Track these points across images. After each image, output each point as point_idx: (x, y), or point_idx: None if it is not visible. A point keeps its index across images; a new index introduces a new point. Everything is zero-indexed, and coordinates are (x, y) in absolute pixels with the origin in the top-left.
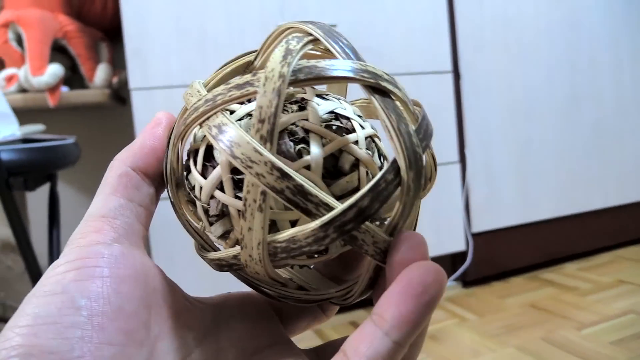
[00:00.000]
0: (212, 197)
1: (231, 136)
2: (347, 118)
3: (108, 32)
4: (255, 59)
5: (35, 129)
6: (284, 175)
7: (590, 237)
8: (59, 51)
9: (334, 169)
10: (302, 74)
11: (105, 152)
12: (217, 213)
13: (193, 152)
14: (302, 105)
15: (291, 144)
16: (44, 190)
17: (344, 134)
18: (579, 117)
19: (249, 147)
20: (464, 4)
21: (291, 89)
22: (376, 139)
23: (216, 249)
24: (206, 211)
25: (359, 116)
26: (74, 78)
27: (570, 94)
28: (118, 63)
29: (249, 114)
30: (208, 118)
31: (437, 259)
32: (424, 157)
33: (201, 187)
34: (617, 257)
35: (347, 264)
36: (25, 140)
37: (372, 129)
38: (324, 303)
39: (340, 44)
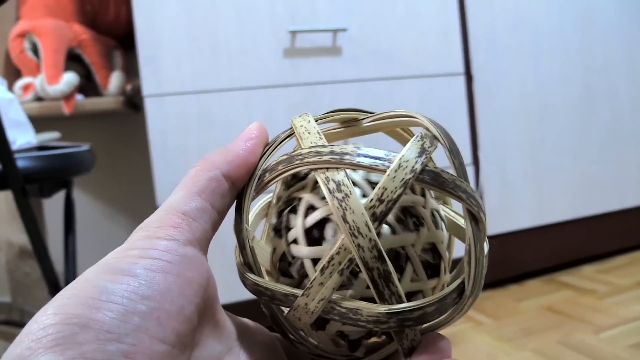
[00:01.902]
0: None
1: (349, 200)
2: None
3: (122, 40)
4: (362, 118)
5: (50, 136)
6: (380, 258)
7: (607, 238)
8: (73, 60)
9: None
10: (428, 178)
11: (120, 158)
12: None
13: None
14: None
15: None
16: (59, 197)
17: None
18: (594, 118)
19: (361, 219)
20: (475, 5)
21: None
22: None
23: (261, 274)
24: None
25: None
26: (88, 86)
27: (585, 94)
28: (132, 71)
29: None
30: (328, 169)
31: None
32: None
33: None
34: (635, 259)
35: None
36: (41, 148)
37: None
38: None
39: (459, 161)
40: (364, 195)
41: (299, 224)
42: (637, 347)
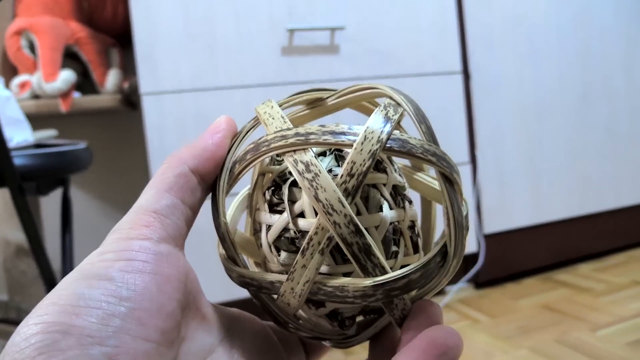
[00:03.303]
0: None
1: (319, 179)
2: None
3: (119, 37)
4: (326, 97)
5: (47, 134)
6: (358, 232)
7: (604, 237)
8: (70, 57)
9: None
10: (396, 145)
11: (117, 156)
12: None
13: (262, 176)
14: (380, 167)
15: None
16: (56, 194)
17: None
18: (591, 117)
19: (334, 196)
20: (473, 4)
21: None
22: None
23: (245, 266)
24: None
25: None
26: (85, 84)
27: (582, 93)
28: (129, 68)
29: (322, 154)
30: (295, 151)
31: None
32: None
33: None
34: (631, 258)
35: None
36: (38, 146)
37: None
38: (324, 341)
39: (426, 125)
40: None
41: (305, 196)
42: (634, 345)
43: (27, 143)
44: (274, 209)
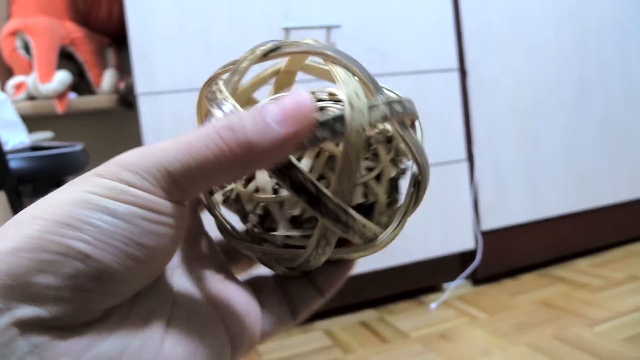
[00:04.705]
0: None
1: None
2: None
3: (115, 37)
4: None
5: (43, 136)
6: None
7: (601, 232)
8: (66, 58)
9: None
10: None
11: (113, 156)
12: None
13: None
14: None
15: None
16: None
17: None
18: (587, 112)
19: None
20: (469, 0)
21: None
22: None
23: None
24: None
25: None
26: (81, 84)
27: (579, 89)
28: (125, 68)
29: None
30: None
31: (447, 258)
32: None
33: None
34: (628, 253)
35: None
36: (34, 148)
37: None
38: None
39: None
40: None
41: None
42: (631, 340)
43: (23, 145)
44: None
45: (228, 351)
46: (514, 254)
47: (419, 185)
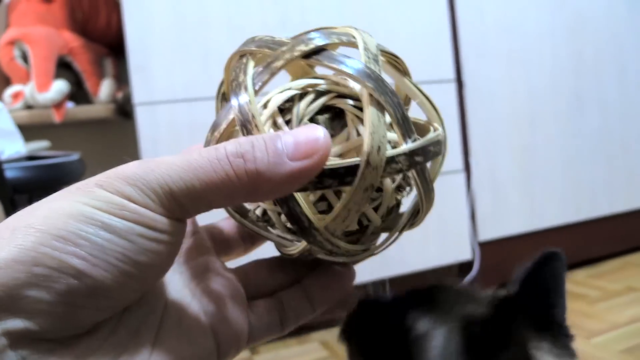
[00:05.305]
0: None
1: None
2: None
3: (113, 47)
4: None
5: (40, 145)
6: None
7: (598, 243)
8: (64, 67)
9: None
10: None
11: (110, 166)
12: None
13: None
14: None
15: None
16: None
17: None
18: (584, 123)
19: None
20: (466, 11)
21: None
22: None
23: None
24: None
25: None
26: (79, 94)
27: (575, 99)
28: (123, 78)
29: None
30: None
31: (444, 269)
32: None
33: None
34: (626, 264)
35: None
36: (30, 158)
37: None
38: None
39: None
40: None
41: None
42: (629, 352)
43: (19, 155)
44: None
45: (214, 358)
46: (511, 264)
47: (417, 214)
